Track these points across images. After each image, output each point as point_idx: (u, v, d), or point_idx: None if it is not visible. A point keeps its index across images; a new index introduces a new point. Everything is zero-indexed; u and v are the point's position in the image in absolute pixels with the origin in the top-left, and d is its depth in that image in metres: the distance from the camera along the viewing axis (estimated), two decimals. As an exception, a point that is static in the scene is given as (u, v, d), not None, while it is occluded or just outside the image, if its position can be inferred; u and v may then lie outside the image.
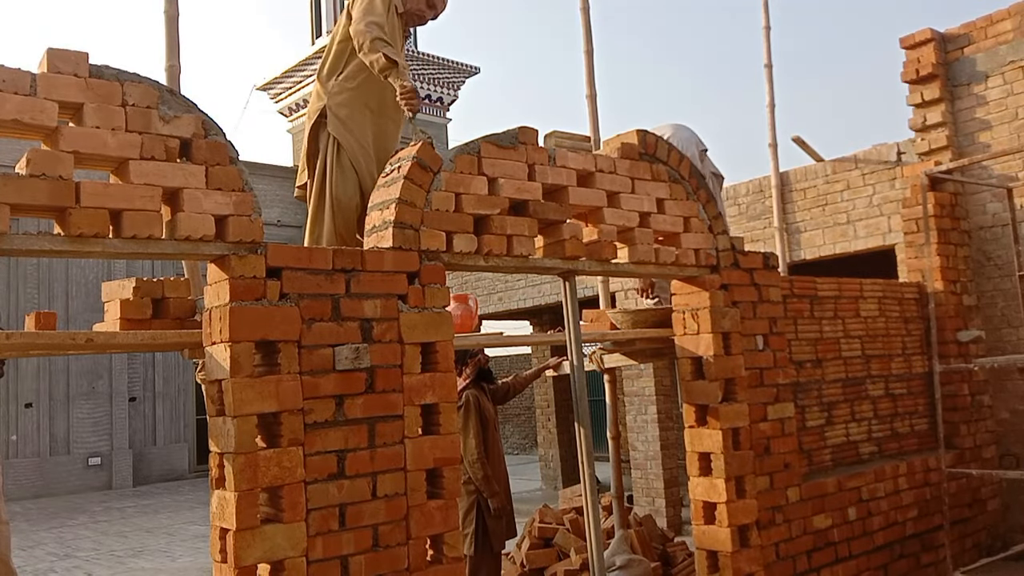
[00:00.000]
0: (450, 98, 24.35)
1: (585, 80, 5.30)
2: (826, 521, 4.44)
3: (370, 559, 2.77)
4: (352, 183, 3.81)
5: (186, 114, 2.65)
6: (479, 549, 5.03)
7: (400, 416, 2.91)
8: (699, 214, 4.12)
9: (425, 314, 3.02)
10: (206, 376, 2.76)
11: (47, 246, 2.42)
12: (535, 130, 3.53)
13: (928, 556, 5.07)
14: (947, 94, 6.12)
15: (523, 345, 8.63)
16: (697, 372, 4.12)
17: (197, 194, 2.60)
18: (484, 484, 5.04)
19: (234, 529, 2.51)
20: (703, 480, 4.05)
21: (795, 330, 4.67)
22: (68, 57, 2.45)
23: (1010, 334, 5.84)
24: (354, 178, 3.82)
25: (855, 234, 6.86)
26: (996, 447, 5.83)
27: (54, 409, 17.84)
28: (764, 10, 6.81)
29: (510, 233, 3.33)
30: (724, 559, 3.94)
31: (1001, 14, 5.90)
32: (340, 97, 3.87)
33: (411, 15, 4.04)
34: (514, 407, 20.63)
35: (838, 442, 4.83)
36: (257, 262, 2.68)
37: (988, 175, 5.89)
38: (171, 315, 3.09)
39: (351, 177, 3.82)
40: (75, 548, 10.48)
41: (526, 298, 11.22)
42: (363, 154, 3.85)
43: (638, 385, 9.15)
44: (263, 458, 2.58)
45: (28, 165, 2.34)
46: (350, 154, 3.82)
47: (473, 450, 5.04)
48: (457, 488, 3.04)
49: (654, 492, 9.04)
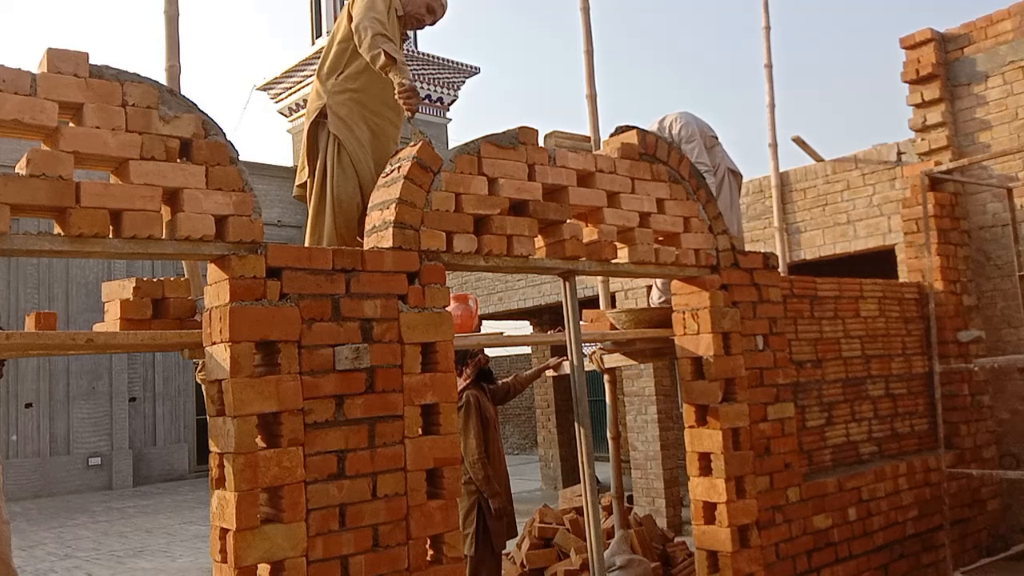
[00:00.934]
0: (450, 98, 24.35)
1: (585, 80, 5.29)
2: (826, 521, 4.44)
3: (370, 559, 2.77)
4: (352, 182, 3.80)
5: (186, 114, 2.65)
6: (480, 549, 5.03)
7: (400, 416, 2.91)
8: (699, 214, 4.12)
9: (425, 314, 3.02)
10: (206, 376, 2.76)
11: (47, 246, 2.42)
12: (535, 130, 3.52)
13: (928, 556, 5.07)
14: (947, 94, 6.12)
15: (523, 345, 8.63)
16: (697, 372, 4.12)
17: (197, 194, 2.60)
18: (485, 484, 5.04)
19: (234, 529, 2.51)
20: (703, 480, 4.05)
21: (795, 330, 4.67)
22: (68, 57, 2.45)
23: (1010, 334, 5.84)
24: (354, 177, 3.82)
25: (855, 234, 6.86)
26: (996, 447, 5.83)
27: (54, 409, 17.84)
28: (764, 10, 6.81)
29: (510, 233, 3.33)
30: (724, 559, 3.94)
31: (1001, 14, 5.90)
32: (340, 96, 3.86)
33: (411, 18, 4.04)
34: (514, 407, 20.63)
35: (838, 442, 4.83)
36: (257, 262, 2.68)
37: (988, 175, 5.89)
38: (171, 315, 3.08)
39: (351, 176, 3.82)
40: (75, 548, 10.48)
41: (526, 298, 11.22)
42: (363, 153, 3.84)
43: (638, 385, 9.15)
44: (263, 458, 2.58)
45: (28, 165, 2.34)
46: (351, 153, 3.81)
47: (474, 450, 5.03)
48: (457, 488, 3.04)
49: (654, 492, 9.04)
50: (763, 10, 6.82)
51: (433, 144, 3.24)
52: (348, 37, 3.89)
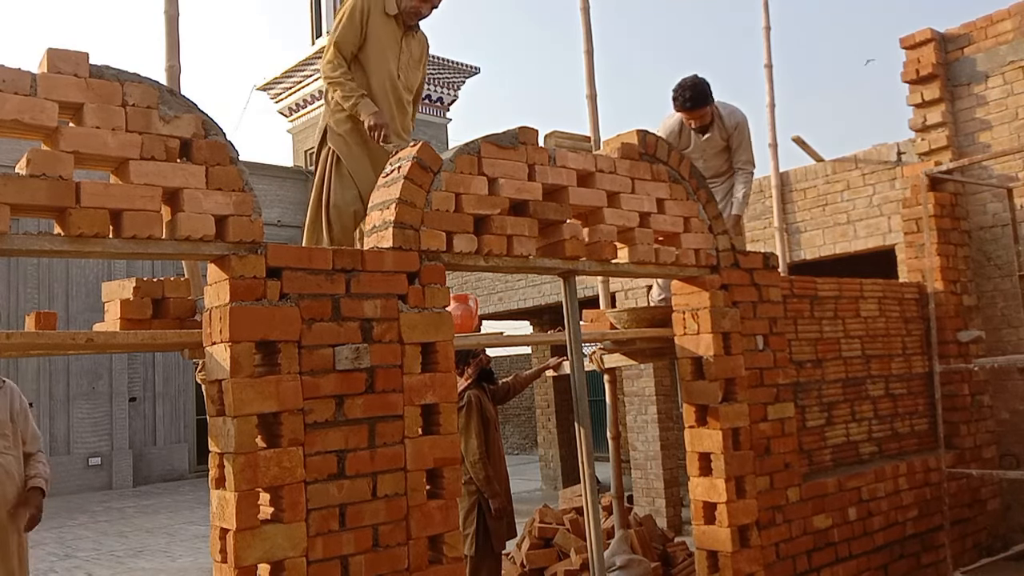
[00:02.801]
0: (450, 98, 24.36)
1: (585, 80, 5.29)
2: (826, 521, 4.44)
3: (370, 559, 2.77)
4: (352, 193, 3.91)
5: (186, 114, 2.65)
6: (480, 549, 5.04)
7: (400, 416, 2.91)
8: (699, 214, 4.12)
9: (425, 314, 3.02)
10: (206, 376, 2.76)
11: (47, 246, 2.42)
12: (535, 130, 3.52)
13: (928, 556, 5.07)
14: (947, 94, 6.12)
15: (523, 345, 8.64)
16: (697, 372, 4.12)
17: (197, 194, 2.60)
18: (485, 484, 5.04)
19: (234, 529, 2.51)
20: (703, 480, 4.05)
21: (795, 330, 4.67)
22: (68, 57, 2.45)
23: (1010, 334, 5.84)
24: (353, 187, 3.91)
25: (855, 234, 6.86)
26: (996, 447, 5.83)
27: (54, 409, 17.84)
28: (764, 10, 6.81)
29: (510, 233, 3.33)
30: (724, 559, 3.94)
31: (1001, 14, 5.90)
32: (339, 114, 3.99)
33: (407, 13, 4.05)
34: (514, 407, 20.63)
35: (838, 442, 4.83)
36: (257, 262, 2.68)
37: (988, 175, 5.89)
38: (171, 315, 3.08)
39: (350, 186, 3.91)
40: (75, 548, 10.48)
41: (526, 298, 11.21)
42: (361, 165, 3.94)
43: (638, 385, 9.15)
44: (263, 458, 2.58)
45: (28, 165, 2.34)
46: (349, 166, 3.92)
47: (475, 450, 5.04)
48: (457, 488, 3.04)
49: (654, 492, 9.04)
50: (763, 10, 6.82)
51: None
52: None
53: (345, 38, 3.93)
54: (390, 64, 4.01)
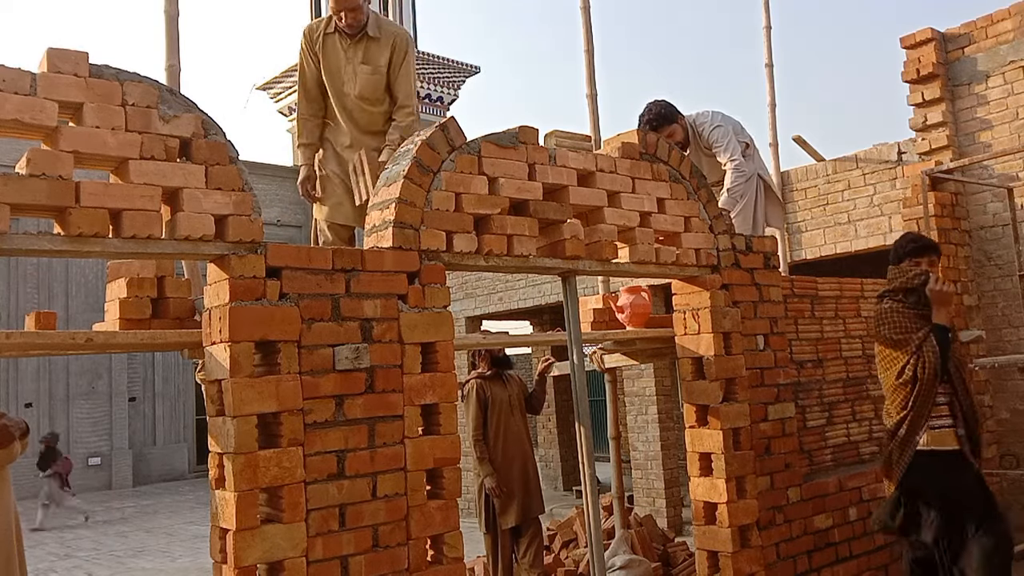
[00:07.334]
0: (450, 98, 24.35)
1: (585, 80, 5.30)
2: (827, 521, 4.44)
3: (370, 559, 2.76)
4: (345, 210, 4.16)
5: (186, 114, 2.64)
6: (484, 523, 5.47)
7: (400, 416, 2.90)
8: (700, 214, 4.12)
9: (425, 314, 3.02)
10: (206, 376, 2.75)
11: (47, 246, 2.42)
12: (535, 130, 3.52)
13: (929, 556, 5.06)
14: (947, 94, 6.11)
15: (523, 345, 8.63)
16: (698, 372, 4.11)
17: (197, 194, 2.60)
18: (479, 464, 5.38)
19: (234, 529, 2.50)
20: (704, 480, 4.04)
21: (796, 330, 4.67)
22: (68, 57, 2.44)
23: (1010, 334, 5.83)
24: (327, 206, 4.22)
25: (856, 234, 6.86)
26: (996, 447, 5.83)
27: (54, 409, 17.84)
28: (764, 10, 6.81)
29: (510, 233, 3.33)
30: (725, 559, 3.94)
31: (1001, 14, 5.90)
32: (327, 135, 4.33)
33: (348, 25, 4.09)
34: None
35: (839, 442, 4.82)
36: (257, 262, 2.68)
37: (989, 175, 5.88)
38: (171, 315, 3.08)
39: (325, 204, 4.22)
40: (75, 548, 10.48)
41: (526, 298, 11.20)
42: (330, 185, 4.22)
43: (638, 385, 9.15)
44: (263, 458, 2.57)
45: (28, 165, 2.34)
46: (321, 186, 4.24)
47: (472, 433, 5.42)
48: (457, 488, 3.04)
49: (654, 492, 9.04)
50: (763, 10, 6.82)
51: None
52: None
53: (303, 75, 4.29)
54: (337, 80, 4.20)
